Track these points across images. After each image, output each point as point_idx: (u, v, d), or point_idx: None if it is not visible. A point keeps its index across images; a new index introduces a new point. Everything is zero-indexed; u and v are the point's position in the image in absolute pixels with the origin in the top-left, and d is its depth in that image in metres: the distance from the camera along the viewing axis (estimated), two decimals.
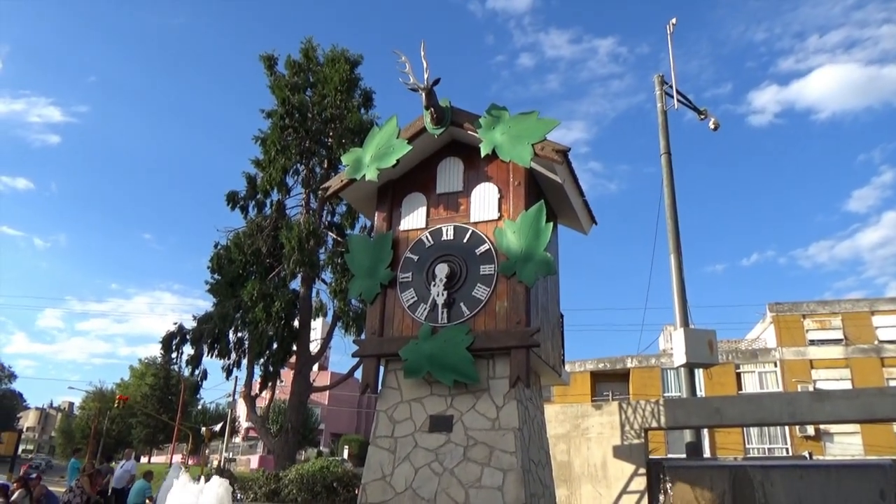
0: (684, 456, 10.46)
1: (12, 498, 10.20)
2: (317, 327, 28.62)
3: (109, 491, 13.27)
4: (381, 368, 7.16)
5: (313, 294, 18.55)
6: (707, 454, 21.90)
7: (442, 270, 6.96)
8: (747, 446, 25.03)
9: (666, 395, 26.32)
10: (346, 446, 40.11)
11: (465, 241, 7.15)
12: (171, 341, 18.10)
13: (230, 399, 38.07)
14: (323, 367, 43.47)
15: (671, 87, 12.54)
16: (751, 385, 26.28)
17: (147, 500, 11.92)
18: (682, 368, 10.46)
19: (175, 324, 18.73)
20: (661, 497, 8.77)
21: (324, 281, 18.75)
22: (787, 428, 24.44)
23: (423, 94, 7.05)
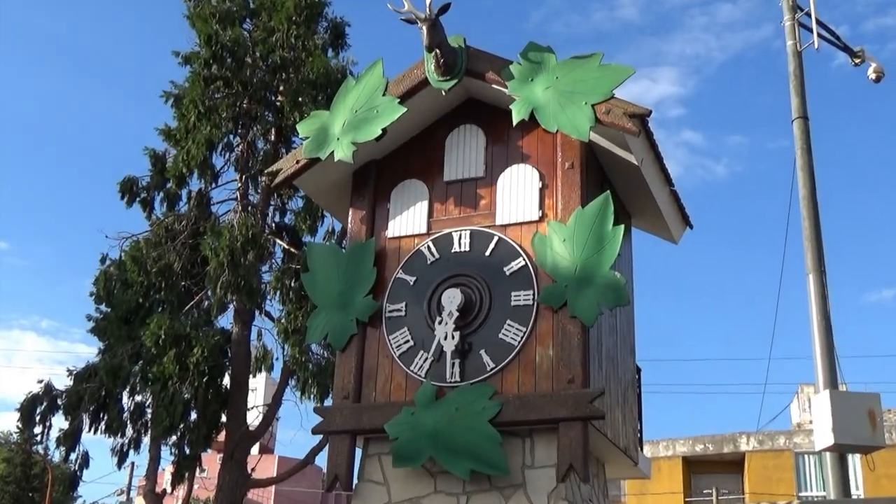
0: None
1: None
2: (258, 387, 28.68)
3: None
4: (358, 452, 7.15)
5: (253, 336, 18.58)
6: None
7: (452, 300, 6.97)
8: None
9: (802, 494, 26.10)
10: None
11: (487, 253, 7.18)
12: (35, 408, 18.13)
13: (123, 497, 38.11)
14: (267, 450, 43.48)
15: (809, 15, 12.55)
16: None
17: None
18: (828, 453, 10.38)
19: (41, 382, 18.53)
20: None
21: (269, 315, 18.79)
22: None
23: (425, 29, 7.10)
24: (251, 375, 18.60)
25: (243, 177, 19.00)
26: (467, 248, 7.27)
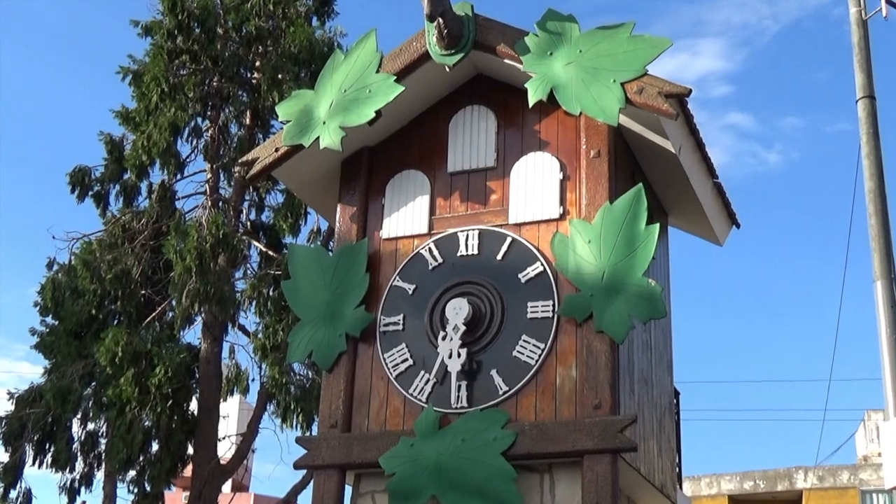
0: None
1: None
2: (230, 414, 28.66)
3: None
4: (348, 490, 7.14)
5: (224, 353, 18.59)
6: None
7: (458, 312, 6.96)
8: None
9: None
10: None
11: (499, 257, 7.18)
12: None
13: None
14: (242, 487, 43.53)
15: None
16: None
17: None
18: None
19: None
20: None
21: (243, 329, 18.81)
22: None
23: None
24: (222, 399, 18.59)
25: (213, 167, 19.03)
26: (475, 251, 7.25)
